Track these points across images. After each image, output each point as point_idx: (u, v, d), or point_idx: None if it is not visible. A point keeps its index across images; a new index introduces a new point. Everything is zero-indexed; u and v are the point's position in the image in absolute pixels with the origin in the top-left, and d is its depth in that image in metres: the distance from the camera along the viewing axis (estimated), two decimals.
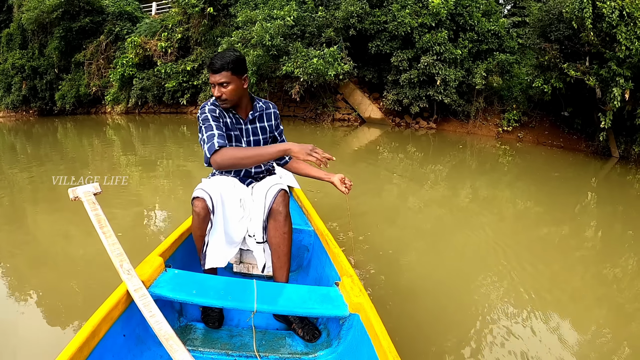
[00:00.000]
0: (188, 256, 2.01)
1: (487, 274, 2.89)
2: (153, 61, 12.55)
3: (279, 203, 1.81)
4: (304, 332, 1.75)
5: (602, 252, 3.56)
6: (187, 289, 1.52)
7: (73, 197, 1.78)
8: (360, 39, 10.47)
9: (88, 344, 1.23)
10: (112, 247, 1.53)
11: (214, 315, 1.79)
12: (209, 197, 1.73)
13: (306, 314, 1.59)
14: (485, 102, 10.54)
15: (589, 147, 9.06)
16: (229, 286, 1.60)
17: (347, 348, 1.62)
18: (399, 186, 5.35)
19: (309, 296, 1.61)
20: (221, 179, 1.95)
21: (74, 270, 2.76)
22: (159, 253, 1.71)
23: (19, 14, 16.79)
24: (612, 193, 5.83)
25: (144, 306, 1.33)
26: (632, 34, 7.24)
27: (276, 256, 1.85)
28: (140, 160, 6.83)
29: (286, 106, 11.79)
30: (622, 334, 2.31)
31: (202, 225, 1.73)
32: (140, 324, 1.50)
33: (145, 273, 1.50)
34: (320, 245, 2.18)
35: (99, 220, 1.63)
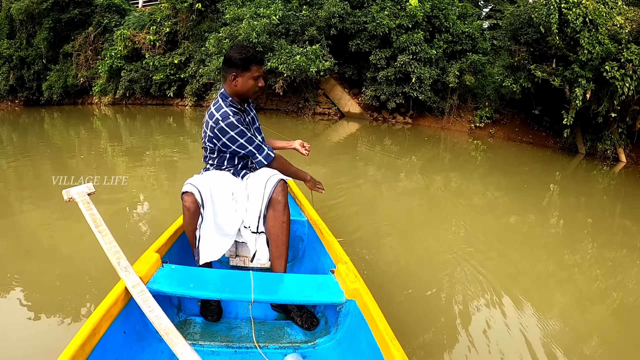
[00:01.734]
0: (184, 251, 2.02)
1: (459, 261, 2.99)
2: (141, 54, 12.80)
3: (279, 192, 1.83)
4: (302, 321, 1.76)
5: (564, 239, 3.74)
6: (185, 283, 1.54)
7: (67, 199, 1.80)
8: (341, 38, 10.92)
9: (89, 342, 1.23)
10: (108, 245, 1.54)
11: (213, 309, 1.80)
12: (198, 191, 1.75)
13: (303, 302, 1.60)
14: (459, 100, 11.08)
15: (556, 143, 9.50)
16: (226, 278, 1.61)
17: (346, 334, 1.63)
18: (376, 178, 5.53)
19: (306, 284, 1.63)
20: (213, 174, 1.99)
21: (64, 265, 2.75)
22: (155, 249, 1.73)
23: (7, 3, 16.74)
24: (578, 186, 6.13)
25: (143, 302, 1.34)
26: (594, 39, 7.68)
27: (274, 246, 1.86)
28: (128, 151, 6.96)
29: (270, 100, 12.19)
30: (583, 314, 2.45)
31: (192, 220, 1.76)
32: (140, 320, 1.52)
33: (142, 269, 1.51)
34: (315, 235, 2.19)
35: (94, 219, 1.65)
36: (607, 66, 7.50)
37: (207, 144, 2.00)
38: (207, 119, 1.96)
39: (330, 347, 1.67)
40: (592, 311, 2.53)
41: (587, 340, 2.24)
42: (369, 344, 1.42)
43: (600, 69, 7.66)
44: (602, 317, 2.47)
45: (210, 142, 1.98)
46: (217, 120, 1.89)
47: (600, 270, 3.13)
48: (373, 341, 1.39)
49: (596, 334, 2.30)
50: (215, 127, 1.89)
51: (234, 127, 1.88)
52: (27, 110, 15.43)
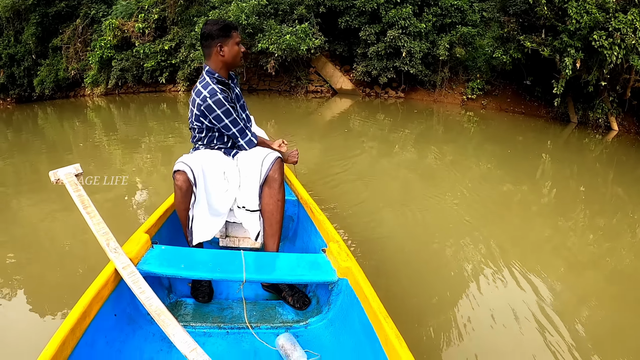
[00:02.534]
0: (174, 232, 1.99)
1: (457, 234, 3.02)
2: (131, 42, 12.73)
3: (275, 170, 1.82)
4: (294, 300, 1.75)
5: (558, 207, 3.81)
6: (175, 264, 1.52)
7: (54, 180, 1.76)
8: (331, 15, 10.90)
9: (79, 326, 1.21)
10: (97, 226, 1.51)
11: (203, 290, 1.79)
12: (190, 169, 1.71)
13: (295, 281, 1.60)
14: (451, 72, 11.12)
15: (549, 113, 9.60)
16: (216, 258, 1.60)
17: (338, 313, 1.63)
18: (370, 152, 5.56)
19: (297, 264, 1.61)
20: (205, 153, 1.96)
21: (60, 254, 2.75)
22: (145, 230, 1.69)
23: None
24: (570, 155, 6.18)
25: (133, 283, 1.32)
26: (581, 9, 7.69)
27: (268, 224, 1.85)
28: (123, 139, 6.99)
29: (262, 80, 12.18)
30: (578, 279, 2.51)
31: (184, 199, 1.72)
32: (130, 302, 1.51)
33: (132, 250, 1.49)
34: (305, 214, 2.17)
35: (82, 200, 1.62)
36: (595, 35, 7.54)
37: (195, 124, 1.97)
38: (193, 96, 1.92)
39: (322, 327, 1.66)
40: (586, 275, 2.57)
41: (582, 303, 2.27)
42: (362, 322, 1.41)
43: (588, 38, 7.71)
44: (596, 281, 2.52)
45: (197, 120, 1.94)
46: (204, 97, 1.86)
47: (594, 236, 3.17)
48: (366, 319, 1.38)
49: (592, 298, 2.34)
50: (203, 104, 1.86)
51: (221, 105, 1.86)
52: (20, 107, 15.36)
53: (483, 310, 2.17)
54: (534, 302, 2.21)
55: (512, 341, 1.98)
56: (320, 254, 1.69)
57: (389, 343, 1.22)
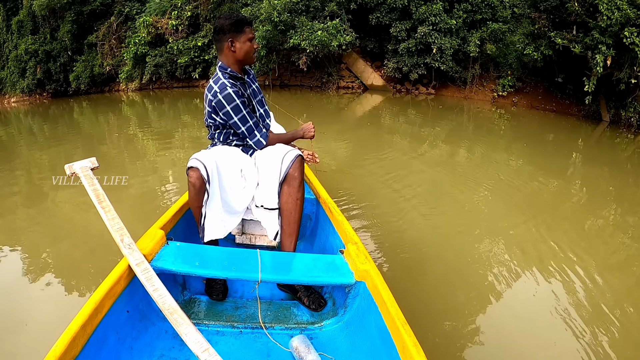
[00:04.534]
0: (190, 228, 1.96)
1: (484, 232, 2.93)
2: (165, 38, 13.13)
3: (296, 168, 1.78)
4: (309, 301, 1.72)
5: (588, 207, 3.69)
6: (190, 261, 1.49)
7: (70, 173, 1.75)
8: (361, 12, 11.02)
9: (91, 322, 1.20)
10: (111, 221, 1.49)
11: (218, 288, 1.76)
12: (203, 166, 1.68)
13: (311, 282, 1.54)
14: (481, 69, 11.10)
15: (580, 111, 9.44)
16: (232, 257, 1.57)
17: (354, 316, 1.59)
18: (401, 149, 5.52)
19: (314, 265, 1.58)
20: (222, 149, 1.93)
21: (89, 245, 2.79)
22: (160, 226, 1.67)
23: (28, 1, 17.30)
24: (601, 154, 6.03)
25: (146, 280, 1.30)
26: (612, 5, 7.54)
27: (287, 223, 1.82)
28: (156, 132, 7.13)
29: (293, 76, 12.43)
30: (608, 280, 2.39)
31: (198, 196, 1.69)
32: (143, 299, 1.48)
33: (146, 247, 1.47)
34: (324, 214, 2.13)
35: (97, 195, 1.60)
36: (626, 32, 7.39)
37: (209, 121, 1.95)
38: (206, 92, 1.91)
39: (337, 329, 1.62)
40: (617, 277, 2.46)
41: (614, 306, 2.16)
42: (379, 327, 1.37)
43: (620, 34, 7.56)
44: (628, 283, 2.42)
45: (210, 117, 1.93)
46: (215, 92, 1.83)
47: (625, 236, 3.05)
48: (383, 325, 1.34)
49: (624, 300, 2.23)
50: (213, 100, 1.84)
51: (231, 100, 1.82)
52: (56, 101, 15.97)
53: (508, 316, 2.07)
54: (563, 308, 2.11)
55: (539, 349, 1.87)
56: (338, 255, 1.65)
57: (406, 350, 1.18)
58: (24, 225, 3.32)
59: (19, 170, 5.13)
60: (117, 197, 3.61)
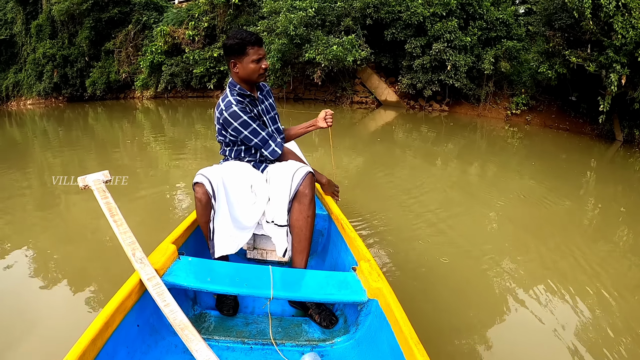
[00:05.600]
0: (201, 243, 1.96)
1: (498, 250, 2.93)
2: (181, 48, 13.34)
3: (306, 186, 1.78)
4: (320, 319, 1.71)
5: (601, 228, 3.65)
6: (201, 277, 1.49)
7: (83, 186, 1.73)
8: (377, 27, 11.11)
9: (101, 336, 1.20)
10: (123, 235, 1.50)
11: (229, 303, 1.76)
12: (208, 181, 1.69)
13: (324, 300, 1.51)
14: (495, 87, 11.11)
15: (593, 130, 9.40)
16: (244, 273, 1.56)
17: (366, 334, 1.57)
18: (413, 165, 5.53)
19: (326, 282, 1.57)
20: (232, 164, 1.95)
21: (100, 252, 2.78)
22: (172, 240, 1.68)
23: (48, 5, 17.63)
24: (615, 174, 6.02)
25: (157, 295, 1.30)
26: (627, 24, 7.54)
27: (297, 240, 1.81)
28: (169, 140, 7.16)
29: (308, 90, 12.55)
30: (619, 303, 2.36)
31: (204, 211, 1.70)
32: (154, 313, 1.48)
33: (158, 261, 1.47)
34: (336, 230, 2.11)
35: (109, 208, 1.60)
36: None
37: (219, 137, 1.98)
38: (214, 110, 1.94)
39: (349, 347, 1.61)
40: (627, 299, 2.42)
41: (626, 331, 2.12)
42: (391, 346, 1.36)
43: (634, 53, 7.55)
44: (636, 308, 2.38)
45: (220, 134, 1.96)
46: (221, 110, 1.86)
47: (637, 259, 3.02)
48: (395, 343, 1.32)
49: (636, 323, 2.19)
50: (220, 117, 1.87)
51: (237, 117, 1.83)
52: (71, 106, 16.23)
53: (522, 335, 2.07)
54: (577, 326, 2.11)
55: None
56: (350, 272, 1.64)
57: None
58: (35, 227, 3.33)
59: (32, 172, 5.18)
60: (129, 207, 3.64)
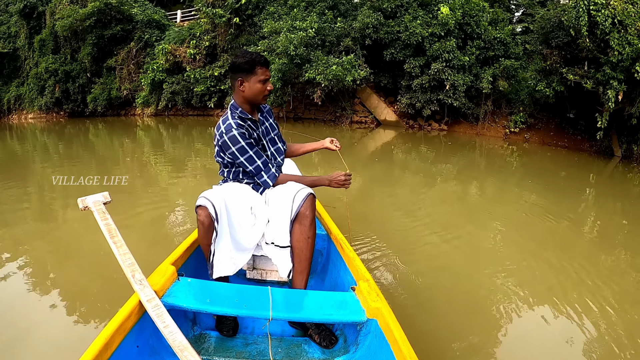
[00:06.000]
0: (201, 264, 1.96)
1: (498, 269, 2.93)
2: (182, 67, 13.47)
3: (307, 207, 1.80)
4: (320, 339, 1.71)
5: (601, 244, 3.66)
6: (201, 298, 1.50)
7: (83, 207, 1.73)
8: (376, 47, 11.26)
9: (101, 357, 1.20)
10: (123, 257, 1.50)
11: (229, 324, 1.76)
12: (212, 205, 1.70)
13: (323, 320, 1.53)
14: (493, 105, 11.20)
15: (592, 147, 9.45)
16: (243, 294, 1.57)
17: (365, 354, 1.57)
18: (412, 184, 5.53)
19: (325, 302, 1.58)
20: (232, 186, 1.95)
21: (98, 269, 2.77)
22: (171, 262, 1.69)
23: (51, 20, 17.80)
24: (614, 190, 6.04)
25: (157, 317, 1.30)
26: (623, 40, 7.65)
27: (298, 260, 1.83)
28: (169, 158, 7.15)
29: (307, 109, 12.65)
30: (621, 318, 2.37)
31: (207, 234, 1.71)
32: (153, 334, 1.48)
33: (157, 282, 1.47)
34: (335, 250, 2.13)
35: (109, 230, 1.60)
36: (637, 67, 7.49)
37: (218, 158, 1.99)
38: (214, 131, 1.95)
39: None
40: (631, 315, 2.44)
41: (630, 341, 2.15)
42: None
43: (631, 69, 7.64)
44: None
45: (219, 155, 1.96)
46: (221, 133, 1.87)
47: (638, 274, 3.05)
48: None
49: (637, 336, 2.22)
50: (220, 140, 1.88)
51: (236, 142, 1.84)
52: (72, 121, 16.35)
53: (524, 354, 2.07)
54: (579, 344, 2.12)
55: None
56: (350, 292, 1.66)
57: None
58: (32, 241, 3.32)
59: (32, 187, 5.16)
60: (127, 223, 3.62)
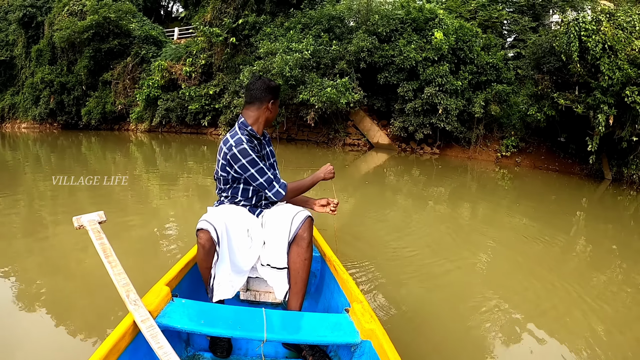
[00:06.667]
0: (195, 285, 1.97)
1: (491, 291, 2.98)
2: (177, 84, 13.51)
3: (305, 229, 1.81)
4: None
5: (592, 266, 3.73)
6: (195, 319, 1.50)
7: (78, 226, 1.73)
8: (370, 71, 11.39)
9: None
10: (117, 277, 1.50)
11: (222, 345, 1.75)
12: (214, 228, 1.70)
13: (317, 342, 1.53)
14: (485, 129, 11.32)
15: (582, 170, 9.57)
16: (237, 315, 1.57)
17: None
18: (404, 208, 5.53)
19: (319, 324, 1.58)
20: (229, 208, 1.96)
21: (87, 284, 2.75)
22: (166, 282, 1.69)
23: (50, 31, 17.84)
24: (605, 213, 6.09)
25: (151, 337, 1.30)
26: (613, 65, 7.81)
27: (294, 282, 1.84)
28: (161, 175, 7.09)
29: (300, 131, 12.70)
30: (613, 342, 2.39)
31: (207, 257, 1.71)
32: (147, 354, 1.47)
33: (152, 303, 1.48)
34: (328, 271, 2.14)
35: (104, 249, 1.60)
36: (627, 91, 7.64)
37: (221, 173, 1.97)
38: (221, 145, 1.94)
39: None
40: (621, 338, 2.47)
41: None
42: None
43: (621, 94, 7.77)
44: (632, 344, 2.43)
45: (224, 170, 1.95)
46: (230, 146, 1.87)
47: (629, 297, 3.08)
48: None
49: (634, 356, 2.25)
50: (228, 153, 1.87)
51: (246, 155, 1.85)
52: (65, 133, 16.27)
53: None
54: None
55: None
56: (343, 313, 1.67)
57: None
58: (20, 254, 3.28)
59: (22, 198, 5.05)
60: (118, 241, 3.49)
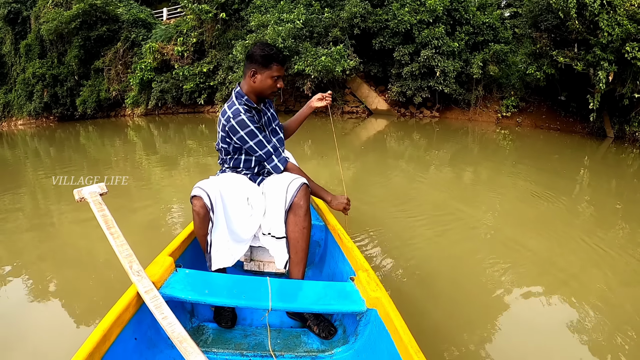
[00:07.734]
0: (198, 255, 1.95)
1: (496, 253, 2.93)
2: (170, 65, 13.33)
3: (301, 197, 1.79)
4: (319, 329, 1.71)
5: (597, 224, 3.67)
6: (199, 289, 1.49)
7: (79, 198, 1.72)
8: (365, 37, 11.20)
9: (99, 350, 1.19)
10: (120, 248, 1.49)
11: (227, 315, 1.75)
12: (207, 194, 1.69)
13: (323, 310, 1.53)
14: (485, 90, 11.20)
15: (584, 128, 9.52)
16: (242, 284, 1.56)
17: (365, 344, 1.57)
18: (406, 172, 5.48)
19: (325, 292, 1.58)
20: (228, 177, 1.95)
21: (94, 269, 2.77)
22: (169, 253, 1.68)
23: (36, 25, 17.55)
24: (607, 171, 6.04)
25: (155, 308, 1.29)
26: (612, 21, 7.68)
27: (294, 251, 1.82)
28: (161, 157, 7.09)
29: (298, 102, 12.51)
30: (620, 299, 2.35)
31: (203, 224, 1.71)
32: (151, 326, 1.47)
33: (155, 274, 1.47)
34: (333, 240, 2.12)
35: (105, 221, 1.59)
36: (627, 47, 7.51)
37: (221, 145, 1.97)
38: (220, 117, 1.93)
39: (348, 357, 1.60)
40: (628, 295, 2.43)
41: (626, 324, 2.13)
42: (391, 355, 1.35)
43: (621, 50, 7.66)
44: None
45: (224, 142, 1.94)
46: (228, 117, 1.86)
47: (636, 254, 3.02)
48: (395, 353, 1.32)
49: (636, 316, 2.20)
50: (227, 124, 1.86)
51: (245, 126, 1.84)
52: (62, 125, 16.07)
53: (525, 340, 2.06)
54: (579, 325, 2.12)
55: None
56: (349, 282, 1.65)
57: None
58: (28, 246, 3.31)
59: (24, 192, 5.06)
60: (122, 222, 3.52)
